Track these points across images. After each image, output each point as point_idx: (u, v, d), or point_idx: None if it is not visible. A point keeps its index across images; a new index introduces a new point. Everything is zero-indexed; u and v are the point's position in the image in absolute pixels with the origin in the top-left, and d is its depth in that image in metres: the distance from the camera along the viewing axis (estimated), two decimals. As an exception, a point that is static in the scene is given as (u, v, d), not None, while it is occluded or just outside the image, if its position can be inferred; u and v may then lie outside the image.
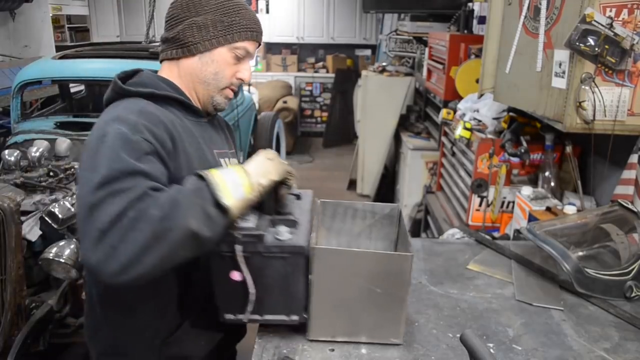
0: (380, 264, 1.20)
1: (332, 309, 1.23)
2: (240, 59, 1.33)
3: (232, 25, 1.30)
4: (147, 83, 1.29)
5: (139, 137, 1.10)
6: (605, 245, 1.68)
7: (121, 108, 1.19)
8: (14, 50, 5.76)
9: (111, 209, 0.98)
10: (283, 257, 1.17)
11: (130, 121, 1.12)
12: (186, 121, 1.30)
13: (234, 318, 1.23)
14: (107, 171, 1.02)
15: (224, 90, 1.35)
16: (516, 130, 2.62)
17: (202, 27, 1.28)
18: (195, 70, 1.32)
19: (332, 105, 8.48)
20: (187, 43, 1.29)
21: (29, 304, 2.41)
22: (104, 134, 1.09)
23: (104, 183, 1.01)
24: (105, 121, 1.14)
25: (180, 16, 1.30)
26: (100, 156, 1.06)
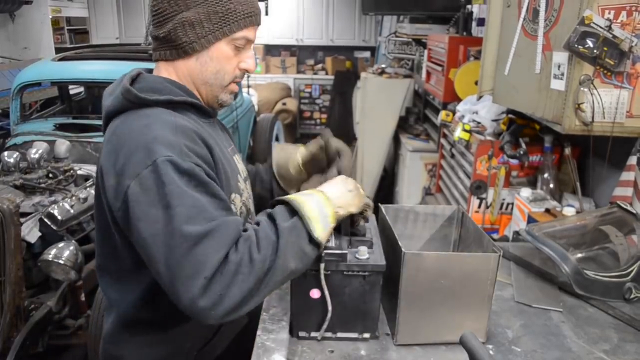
0: (468, 265, 1.22)
1: (419, 313, 1.25)
2: (241, 48, 1.22)
3: (228, 15, 1.16)
4: (159, 89, 1.17)
5: (190, 163, 1.04)
6: (604, 247, 1.68)
7: (153, 125, 1.08)
8: (13, 52, 5.77)
9: (212, 255, 0.97)
10: (363, 275, 1.20)
11: (173, 144, 1.04)
12: (202, 124, 1.22)
13: (307, 335, 1.26)
14: (185, 209, 0.99)
15: (228, 86, 1.25)
16: (515, 132, 2.62)
17: (195, 23, 1.14)
18: (194, 72, 1.21)
19: (331, 107, 8.48)
20: (181, 44, 1.16)
21: (28, 306, 2.41)
22: (154, 164, 1.01)
23: (188, 223, 0.98)
24: (143, 145, 1.04)
25: (168, 11, 1.15)
26: (165, 191, 1.00)
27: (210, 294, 0.96)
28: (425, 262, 1.21)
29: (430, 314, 1.25)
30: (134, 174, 1.01)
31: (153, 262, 1.01)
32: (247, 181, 1.39)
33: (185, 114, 1.17)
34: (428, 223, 1.56)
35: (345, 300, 1.22)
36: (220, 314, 0.98)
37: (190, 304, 0.97)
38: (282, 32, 8.71)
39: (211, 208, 1.02)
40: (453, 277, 1.21)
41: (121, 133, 1.09)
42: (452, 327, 1.24)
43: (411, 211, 1.55)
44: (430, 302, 1.24)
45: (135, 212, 1.01)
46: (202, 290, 0.96)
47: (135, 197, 1.01)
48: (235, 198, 1.24)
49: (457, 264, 1.22)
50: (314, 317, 1.23)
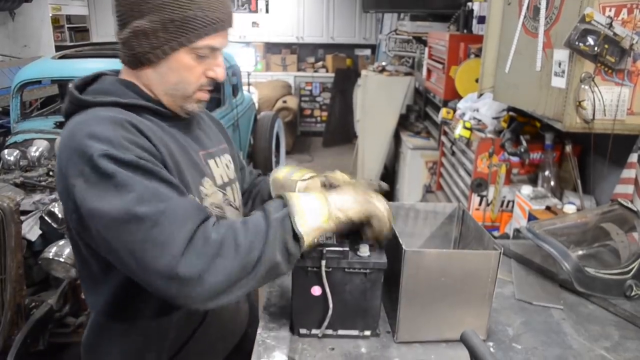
0: (469, 262, 1.22)
1: (420, 310, 1.25)
2: (205, 57, 1.11)
3: (186, 23, 1.04)
4: (109, 90, 1.11)
5: (130, 155, 0.97)
6: (605, 244, 1.68)
7: (89, 121, 1.02)
8: (13, 50, 5.76)
9: (177, 231, 0.93)
10: (364, 273, 1.19)
11: (110, 137, 0.98)
12: (164, 125, 1.14)
13: (308, 333, 1.26)
14: (135, 194, 0.94)
15: (193, 96, 1.15)
16: (516, 129, 2.62)
17: (149, 32, 1.04)
18: (153, 82, 1.12)
19: (332, 104, 8.48)
20: (136, 54, 1.07)
21: (29, 304, 2.41)
22: (91, 160, 0.95)
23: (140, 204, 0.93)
24: (79, 143, 0.97)
25: (125, 16, 1.06)
26: (111, 183, 0.94)
27: (187, 268, 0.92)
28: (426, 260, 1.21)
29: (431, 312, 1.25)
30: (76, 173, 0.96)
31: (117, 256, 0.97)
32: (229, 187, 1.31)
33: (138, 115, 1.09)
34: (429, 221, 1.56)
35: (346, 298, 1.22)
36: (204, 295, 0.94)
37: (166, 285, 0.93)
38: (283, 30, 8.70)
39: (164, 189, 0.97)
40: (454, 274, 1.21)
41: (63, 134, 1.04)
42: (453, 325, 1.24)
43: (412, 209, 1.55)
44: (431, 300, 1.24)
45: (85, 209, 0.96)
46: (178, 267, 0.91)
47: (82, 194, 0.96)
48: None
49: (458, 262, 1.22)
50: (314, 314, 1.23)
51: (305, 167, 1.47)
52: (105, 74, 1.18)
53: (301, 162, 7.40)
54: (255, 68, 7.79)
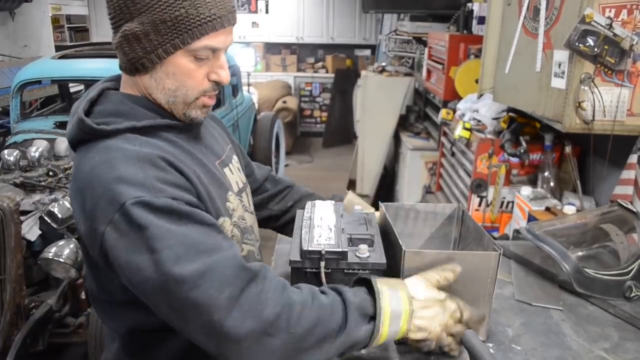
0: (469, 263, 1.21)
1: None
2: (206, 59, 1.01)
3: (178, 23, 0.95)
4: (120, 111, 1.02)
5: (164, 198, 0.90)
6: (605, 245, 1.68)
7: (115, 161, 0.93)
8: (13, 50, 5.76)
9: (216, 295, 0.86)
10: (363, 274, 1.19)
11: (142, 180, 0.90)
12: (179, 141, 1.06)
13: None
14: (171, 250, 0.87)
15: (195, 102, 1.05)
16: (515, 130, 2.62)
17: (141, 36, 0.96)
18: (151, 89, 1.03)
19: (332, 105, 8.48)
20: (130, 60, 0.99)
21: (29, 304, 2.41)
22: (122, 208, 0.87)
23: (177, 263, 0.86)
24: (107, 187, 0.90)
25: (116, 20, 0.99)
26: (145, 235, 0.87)
27: (233, 338, 0.86)
28: (426, 261, 1.21)
29: None
30: (106, 220, 0.89)
31: (154, 307, 0.92)
32: (244, 192, 1.26)
33: (155, 135, 1.02)
34: (428, 221, 1.56)
35: None
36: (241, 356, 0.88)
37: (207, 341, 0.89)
38: (283, 30, 8.71)
39: (203, 237, 0.91)
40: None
41: (84, 171, 0.95)
42: None
43: (411, 209, 1.55)
44: None
45: (117, 260, 0.89)
46: (223, 335, 0.86)
47: (113, 244, 0.89)
48: (225, 222, 1.11)
49: (458, 263, 1.22)
50: None
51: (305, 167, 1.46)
52: (108, 87, 1.09)
53: (301, 162, 7.40)
54: (255, 68, 7.80)
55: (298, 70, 9.03)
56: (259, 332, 0.87)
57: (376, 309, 0.97)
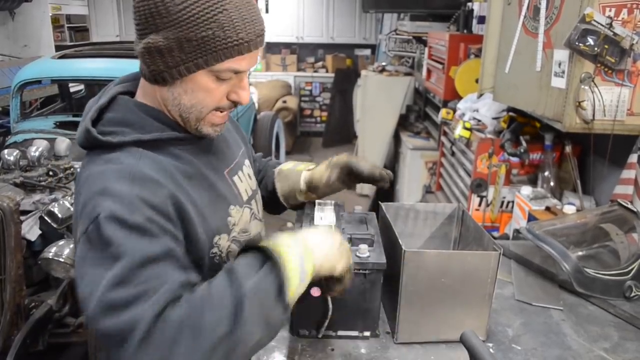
0: (469, 263, 1.22)
1: (420, 311, 1.25)
2: (228, 80, 1.00)
3: (204, 44, 0.93)
4: (129, 120, 1.01)
5: (140, 217, 0.88)
6: (605, 245, 1.68)
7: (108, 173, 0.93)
8: (13, 49, 5.76)
9: (141, 316, 0.81)
10: (363, 274, 1.19)
11: (124, 195, 0.89)
12: (184, 154, 1.05)
13: (308, 334, 1.26)
14: (120, 270, 0.84)
15: (206, 118, 1.03)
16: (516, 130, 2.62)
17: (163, 50, 0.93)
18: (167, 102, 1.01)
19: (332, 105, 8.48)
20: (151, 71, 0.97)
21: (29, 304, 2.41)
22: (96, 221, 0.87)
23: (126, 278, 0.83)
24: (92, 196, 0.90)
25: (141, 27, 0.96)
26: (103, 247, 0.86)
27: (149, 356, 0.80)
28: (426, 260, 1.21)
29: (431, 312, 1.25)
30: (83, 229, 0.89)
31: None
32: (253, 199, 1.24)
33: (160, 149, 1.01)
34: (428, 221, 1.56)
35: (346, 299, 1.21)
36: None
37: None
38: (283, 30, 8.70)
39: (159, 264, 0.87)
40: (453, 275, 1.21)
41: (83, 177, 0.97)
42: (453, 325, 1.24)
43: (411, 209, 1.55)
44: (431, 301, 1.24)
45: (77, 267, 0.91)
46: (138, 353, 0.80)
47: (79, 252, 0.90)
48: (220, 239, 1.08)
49: (458, 262, 1.22)
50: (314, 315, 1.23)
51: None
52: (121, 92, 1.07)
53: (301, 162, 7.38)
54: (255, 68, 7.81)
55: (298, 69, 9.02)
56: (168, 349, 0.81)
57: (267, 252, 0.92)
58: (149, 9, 0.92)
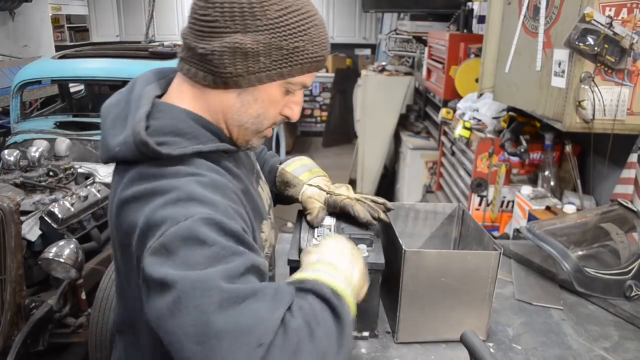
0: (469, 263, 1.22)
1: (420, 311, 1.25)
2: (291, 92, 0.99)
3: (294, 54, 0.91)
4: (182, 130, 0.92)
5: (238, 225, 0.83)
6: (605, 244, 1.68)
7: (185, 183, 0.85)
8: (13, 49, 5.76)
9: (267, 314, 0.74)
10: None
11: (216, 203, 0.83)
12: (233, 167, 1.00)
13: None
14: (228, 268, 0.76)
15: (263, 132, 1.01)
16: (516, 129, 2.62)
17: (249, 53, 0.89)
18: (230, 110, 0.96)
19: (332, 104, 8.48)
20: (225, 74, 0.90)
21: (29, 304, 2.41)
22: (193, 219, 0.78)
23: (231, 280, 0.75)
24: (168, 203, 0.81)
25: (221, 26, 0.88)
26: (206, 252, 0.76)
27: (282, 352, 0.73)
28: (426, 260, 1.21)
29: (431, 312, 1.25)
30: (157, 236, 0.79)
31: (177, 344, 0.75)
32: (271, 207, 1.22)
33: (216, 162, 0.95)
34: (428, 221, 1.56)
35: None
36: None
37: None
38: (283, 30, 8.70)
39: (263, 270, 0.82)
40: (454, 274, 1.21)
41: (140, 193, 0.86)
42: (453, 325, 1.24)
43: (412, 209, 1.55)
44: (431, 300, 1.24)
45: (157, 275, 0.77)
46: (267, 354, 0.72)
47: (151, 260, 0.78)
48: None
49: (458, 262, 1.22)
50: None
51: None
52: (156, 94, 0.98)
53: (301, 162, 7.38)
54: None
55: (298, 69, 9.02)
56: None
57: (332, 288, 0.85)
58: (241, 7, 0.87)
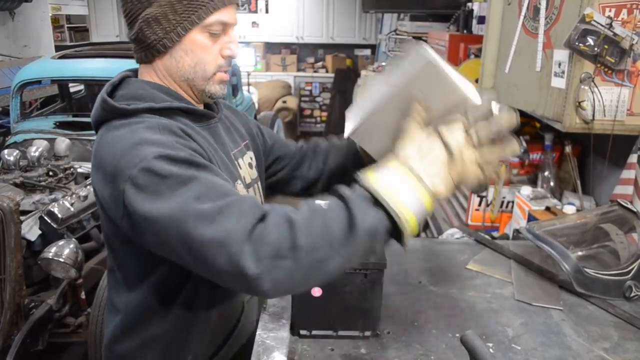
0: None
1: None
2: (219, 34, 1.10)
3: (193, 1, 1.05)
4: (140, 94, 1.10)
5: (186, 151, 0.98)
6: (605, 245, 1.68)
7: (137, 129, 1.01)
8: (13, 49, 5.76)
9: (234, 226, 0.87)
10: (364, 273, 1.19)
11: (163, 141, 0.98)
12: (196, 128, 1.13)
13: (309, 334, 1.25)
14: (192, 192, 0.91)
15: (213, 77, 1.14)
16: (515, 130, 2.62)
17: (160, 17, 1.05)
18: (172, 70, 1.12)
19: (332, 105, 8.48)
20: (150, 43, 1.08)
21: (28, 304, 2.41)
22: (144, 161, 0.93)
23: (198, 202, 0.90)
24: (128, 149, 0.96)
25: (133, 11, 1.07)
26: (165, 183, 0.92)
27: (249, 269, 0.85)
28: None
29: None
30: (126, 177, 0.94)
31: (177, 255, 0.95)
32: (251, 187, 1.29)
33: (172, 119, 1.09)
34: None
35: (347, 298, 1.21)
36: (269, 290, 0.88)
37: (231, 281, 0.91)
38: (283, 30, 8.70)
39: (222, 183, 0.96)
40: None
41: (105, 143, 1.03)
42: None
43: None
44: None
45: (139, 212, 0.93)
46: (239, 265, 0.85)
47: (134, 198, 0.93)
48: None
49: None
50: (315, 315, 1.23)
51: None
52: (129, 76, 1.17)
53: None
54: (255, 68, 7.80)
55: (298, 70, 9.03)
56: (270, 259, 0.86)
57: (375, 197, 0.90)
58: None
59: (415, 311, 1.41)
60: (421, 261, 1.73)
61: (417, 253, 1.78)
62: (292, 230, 0.87)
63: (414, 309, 1.42)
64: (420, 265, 1.69)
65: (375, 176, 0.92)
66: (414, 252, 1.77)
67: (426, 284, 1.58)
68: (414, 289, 1.53)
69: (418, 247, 1.85)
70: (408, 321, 1.34)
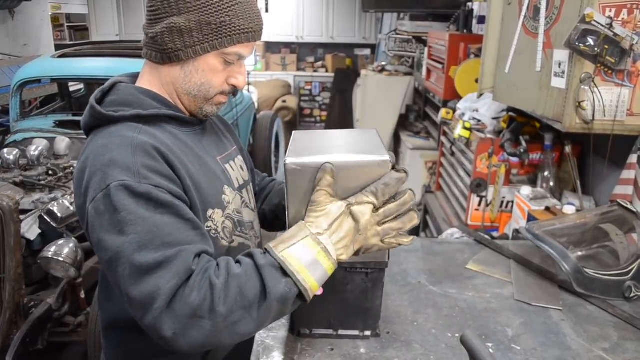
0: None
1: None
2: (231, 63, 1.14)
3: (221, 28, 1.08)
4: (128, 101, 1.13)
5: (146, 185, 0.99)
6: (605, 245, 1.68)
7: (111, 145, 1.03)
8: (13, 48, 5.76)
9: (163, 285, 0.93)
10: (365, 272, 1.19)
11: (130, 165, 1.00)
12: (181, 135, 1.16)
13: (309, 333, 1.25)
14: (138, 236, 0.95)
15: (213, 99, 1.17)
16: (515, 130, 2.62)
17: (184, 30, 1.07)
18: (177, 81, 1.14)
19: (332, 104, 8.48)
20: (167, 50, 1.10)
21: (28, 303, 2.41)
22: (107, 189, 0.98)
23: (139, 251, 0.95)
24: (100, 168, 1.00)
25: (160, 12, 1.09)
26: (117, 218, 0.96)
27: (167, 326, 0.93)
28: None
29: None
30: (91, 198, 0.99)
31: (114, 285, 1.01)
32: (244, 189, 1.31)
33: (157, 125, 1.12)
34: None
35: (347, 298, 1.21)
36: (183, 348, 0.95)
37: (152, 332, 0.96)
38: (283, 30, 8.70)
39: (171, 229, 0.98)
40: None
41: (86, 153, 1.06)
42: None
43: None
44: None
45: (93, 236, 1.00)
46: (158, 321, 0.93)
47: (92, 220, 0.99)
48: (215, 214, 1.17)
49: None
50: (315, 314, 1.23)
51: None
52: (121, 81, 1.19)
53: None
54: (255, 67, 7.80)
55: (298, 69, 9.03)
56: (188, 318, 0.93)
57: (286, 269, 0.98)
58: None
59: (415, 311, 1.41)
60: (421, 261, 1.73)
61: (417, 253, 1.78)
62: (212, 294, 0.94)
63: (414, 309, 1.42)
64: (420, 265, 1.69)
65: (287, 249, 0.99)
66: (414, 252, 1.77)
67: (426, 284, 1.58)
68: (413, 289, 1.53)
69: (418, 247, 1.85)
70: (408, 321, 1.34)
